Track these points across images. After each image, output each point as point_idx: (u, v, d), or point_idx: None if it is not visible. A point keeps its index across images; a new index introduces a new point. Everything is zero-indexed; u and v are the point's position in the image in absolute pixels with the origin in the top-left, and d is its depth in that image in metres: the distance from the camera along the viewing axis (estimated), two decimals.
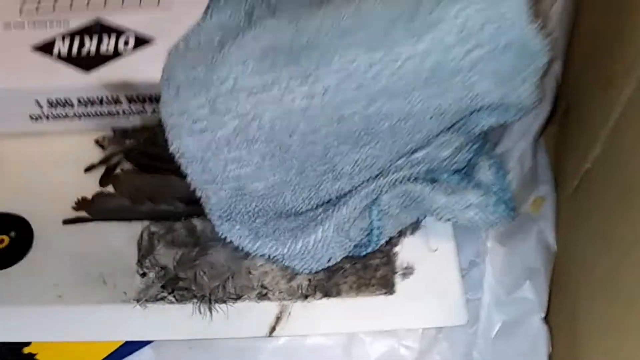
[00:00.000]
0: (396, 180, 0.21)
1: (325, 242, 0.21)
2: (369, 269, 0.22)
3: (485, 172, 0.21)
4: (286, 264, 0.21)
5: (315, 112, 0.19)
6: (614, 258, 0.17)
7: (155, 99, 0.24)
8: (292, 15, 0.21)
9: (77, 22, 0.24)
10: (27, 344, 0.21)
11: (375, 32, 0.19)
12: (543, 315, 0.19)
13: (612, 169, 0.17)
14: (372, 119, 0.19)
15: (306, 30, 0.19)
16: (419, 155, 0.21)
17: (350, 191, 0.21)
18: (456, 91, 0.19)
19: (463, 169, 0.22)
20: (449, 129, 0.21)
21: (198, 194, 0.20)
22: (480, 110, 0.20)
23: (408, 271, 0.22)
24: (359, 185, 0.21)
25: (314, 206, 0.21)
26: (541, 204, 0.23)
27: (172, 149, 0.19)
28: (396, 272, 0.22)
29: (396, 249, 0.22)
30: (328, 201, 0.21)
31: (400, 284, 0.22)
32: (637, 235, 0.15)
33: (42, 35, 0.24)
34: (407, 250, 0.22)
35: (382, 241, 0.22)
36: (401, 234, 0.22)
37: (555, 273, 0.21)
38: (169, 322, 0.21)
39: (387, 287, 0.22)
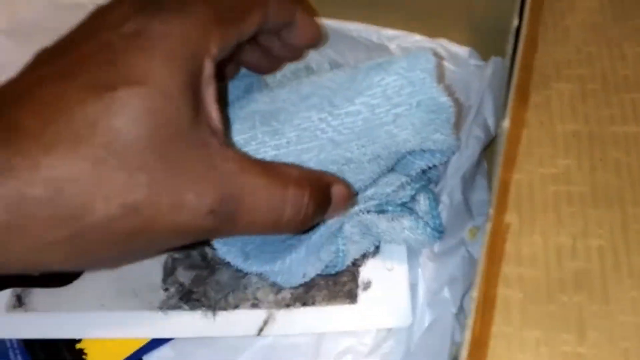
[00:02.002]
0: (354, 213, 0.27)
1: (298, 262, 0.25)
2: (338, 284, 0.28)
3: (421, 204, 0.27)
4: (271, 279, 0.27)
5: (281, 159, 0.24)
6: None
7: None
8: (269, 88, 0.28)
9: None
10: (79, 340, 0.26)
11: (323, 98, 0.24)
12: (454, 310, 0.24)
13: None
14: (323, 163, 0.24)
15: (277, 98, 0.25)
16: (368, 192, 0.26)
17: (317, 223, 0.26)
18: (383, 140, 0.24)
19: (407, 203, 0.27)
20: (390, 170, 0.27)
21: None
22: (411, 155, 0.26)
23: (368, 285, 0.27)
24: None
25: (290, 236, 0.26)
26: (476, 232, 0.28)
27: None
28: (358, 287, 0.27)
29: (360, 268, 0.27)
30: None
31: (361, 295, 0.27)
32: None
33: None
34: (368, 269, 0.27)
35: (348, 262, 0.27)
36: (364, 256, 0.28)
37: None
38: (183, 324, 0.26)
39: (351, 298, 0.27)
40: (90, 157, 0.16)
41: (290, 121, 0.24)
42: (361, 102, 0.23)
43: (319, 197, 0.21)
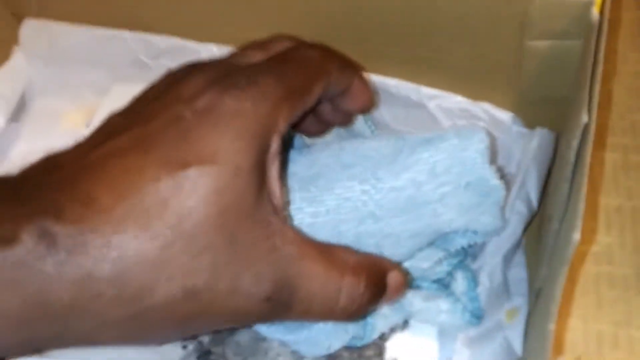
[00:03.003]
0: None
1: (325, 333, 0.24)
2: (362, 358, 0.26)
3: (458, 284, 0.25)
4: (294, 347, 0.26)
5: (318, 228, 0.23)
6: None
7: None
8: (307, 149, 0.27)
9: None
10: None
11: (366, 169, 0.23)
12: None
13: (547, 292, 0.21)
14: (362, 236, 0.23)
15: (317, 162, 0.25)
16: (403, 266, 0.25)
17: None
18: (427, 219, 0.23)
19: (443, 279, 0.26)
20: (429, 245, 0.26)
21: None
22: (453, 232, 0.25)
23: None
24: None
25: None
26: (515, 314, 0.26)
27: None
28: None
29: (387, 343, 0.26)
30: None
31: None
32: None
33: None
34: (395, 345, 0.26)
35: (375, 336, 0.26)
36: (392, 330, 0.26)
37: None
38: None
39: None
40: (159, 238, 0.16)
41: (330, 189, 0.23)
42: (407, 177, 0.23)
43: (375, 285, 0.21)
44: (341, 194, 0.23)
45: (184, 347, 0.27)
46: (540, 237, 0.28)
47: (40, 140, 0.36)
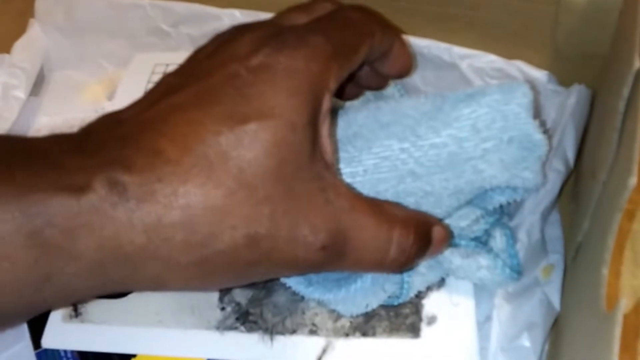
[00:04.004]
0: None
1: (363, 292, 0.25)
2: (400, 317, 0.27)
3: (497, 241, 0.25)
4: (331, 307, 0.26)
5: (357, 188, 0.23)
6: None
7: None
8: (343, 110, 0.27)
9: None
10: (134, 355, 0.26)
11: (405, 127, 0.23)
12: None
13: (594, 244, 0.21)
14: (400, 195, 0.23)
15: (353, 123, 0.24)
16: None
17: None
18: (468, 176, 0.23)
19: (480, 237, 0.26)
20: (467, 204, 0.25)
21: None
22: (492, 190, 0.25)
23: (432, 320, 0.26)
24: None
25: None
26: (551, 271, 0.26)
27: None
28: (422, 321, 0.26)
29: (424, 301, 0.26)
30: None
31: (425, 330, 0.25)
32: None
33: None
34: (432, 303, 0.26)
35: (412, 294, 0.26)
36: (429, 289, 0.26)
37: (555, 328, 0.24)
38: (241, 346, 0.26)
39: (414, 332, 0.26)
40: (223, 187, 0.17)
41: (368, 148, 0.23)
42: (448, 134, 0.22)
43: (422, 238, 0.21)
44: (379, 153, 0.23)
45: (222, 308, 0.27)
46: (577, 195, 0.27)
47: (61, 114, 0.36)
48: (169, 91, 0.19)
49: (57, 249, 0.16)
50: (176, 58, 0.36)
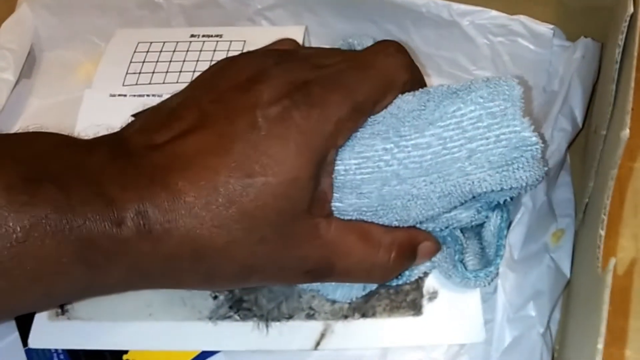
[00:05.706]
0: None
1: None
2: (400, 294, 0.25)
3: (491, 224, 0.24)
4: (329, 297, 0.24)
5: (339, 185, 0.22)
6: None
7: None
8: None
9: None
10: (126, 351, 0.25)
11: (389, 126, 0.22)
12: (542, 330, 0.21)
13: (597, 203, 0.20)
14: (386, 198, 0.22)
15: None
16: (441, 218, 0.24)
17: None
18: (455, 179, 0.21)
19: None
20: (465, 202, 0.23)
21: None
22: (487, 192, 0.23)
23: (434, 295, 0.25)
24: None
25: None
26: (561, 235, 0.25)
27: None
28: (424, 297, 0.25)
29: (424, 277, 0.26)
30: None
31: (426, 306, 0.24)
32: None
33: (141, 104, 0.27)
34: (433, 278, 0.25)
35: (413, 279, 0.25)
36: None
37: (565, 295, 0.23)
38: (235, 335, 0.25)
39: (416, 309, 0.25)
40: (225, 230, 0.20)
41: (351, 147, 0.22)
42: (432, 133, 0.21)
43: (404, 256, 0.23)
44: (361, 152, 0.22)
45: (215, 297, 0.26)
46: (586, 154, 0.26)
47: (54, 96, 0.34)
48: (196, 125, 0.21)
49: (97, 268, 0.20)
50: (160, 35, 0.35)
